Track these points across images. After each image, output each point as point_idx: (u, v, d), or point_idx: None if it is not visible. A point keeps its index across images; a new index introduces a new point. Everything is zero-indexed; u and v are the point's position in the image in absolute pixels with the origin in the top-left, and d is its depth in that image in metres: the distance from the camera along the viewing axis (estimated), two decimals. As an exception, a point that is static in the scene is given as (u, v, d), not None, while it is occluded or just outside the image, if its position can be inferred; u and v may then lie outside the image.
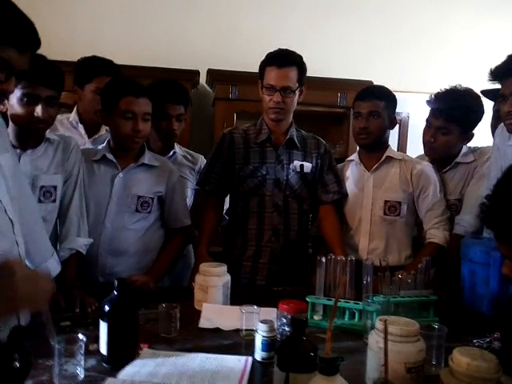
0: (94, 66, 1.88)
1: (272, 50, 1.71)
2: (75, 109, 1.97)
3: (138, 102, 1.52)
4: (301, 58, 1.71)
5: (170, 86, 1.87)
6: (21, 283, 0.79)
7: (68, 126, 1.93)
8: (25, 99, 1.33)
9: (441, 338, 1.03)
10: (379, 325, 0.94)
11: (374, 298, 1.23)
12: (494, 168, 1.52)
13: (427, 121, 1.82)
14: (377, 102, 1.74)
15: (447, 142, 1.77)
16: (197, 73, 2.81)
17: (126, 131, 1.53)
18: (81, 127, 1.93)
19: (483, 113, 1.77)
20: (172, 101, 1.83)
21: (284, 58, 1.67)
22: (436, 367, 1.01)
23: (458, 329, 1.22)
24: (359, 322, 1.26)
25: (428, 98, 1.83)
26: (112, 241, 1.58)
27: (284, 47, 1.72)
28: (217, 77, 2.83)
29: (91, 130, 1.94)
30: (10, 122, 1.39)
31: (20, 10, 0.92)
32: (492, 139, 1.76)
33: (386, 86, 1.84)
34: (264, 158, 1.76)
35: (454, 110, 1.71)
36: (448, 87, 1.79)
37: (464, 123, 1.74)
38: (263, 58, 1.73)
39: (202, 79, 2.94)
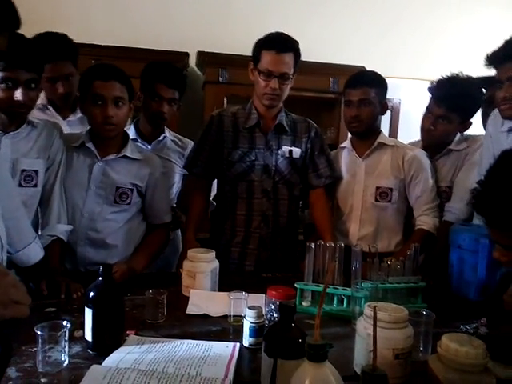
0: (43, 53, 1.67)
1: (269, 32, 1.65)
2: (43, 92, 1.88)
3: (106, 86, 1.44)
4: (298, 43, 1.67)
5: (165, 67, 1.83)
6: (12, 288, 0.73)
7: (40, 107, 1.81)
8: (3, 83, 1.29)
9: (428, 324, 1.03)
10: (368, 311, 0.93)
11: (363, 284, 1.23)
12: (486, 156, 1.51)
13: (427, 108, 1.80)
14: (367, 89, 1.71)
15: (446, 130, 1.76)
16: (186, 55, 2.75)
17: (97, 117, 1.46)
18: (51, 109, 1.85)
19: (482, 102, 1.76)
20: (165, 82, 1.78)
21: (283, 43, 1.63)
22: (423, 353, 1.02)
23: (445, 315, 1.22)
24: (347, 308, 1.26)
25: (429, 85, 1.80)
26: (89, 230, 1.53)
27: (275, 30, 1.67)
28: (207, 59, 2.77)
29: (64, 111, 1.86)
30: None
31: None
32: (482, 126, 1.76)
33: (378, 71, 1.81)
34: (253, 144, 1.74)
35: (456, 99, 1.69)
36: (449, 74, 1.76)
37: (465, 112, 1.74)
38: (255, 40, 1.68)
39: (192, 62, 2.88)
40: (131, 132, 1.83)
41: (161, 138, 1.93)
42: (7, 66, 1.26)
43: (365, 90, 1.71)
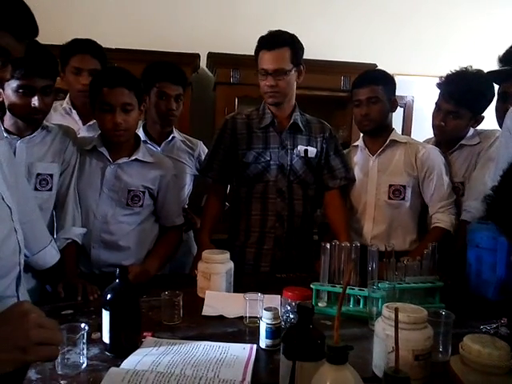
0: (69, 47, 1.82)
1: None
2: (68, 95, 1.93)
3: (113, 93, 1.44)
4: (292, 36, 1.67)
5: (165, 66, 1.85)
6: (33, 330, 0.68)
7: (62, 112, 1.88)
8: (20, 91, 1.31)
9: (448, 324, 1.01)
10: (386, 312, 0.92)
11: (380, 285, 1.21)
12: (504, 153, 1.47)
13: (437, 104, 1.78)
14: (374, 87, 1.71)
15: (457, 126, 1.74)
16: (197, 56, 2.75)
17: (106, 125, 1.47)
18: (74, 113, 1.89)
19: (494, 95, 1.72)
20: (170, 80, 1.80)
21: (274, 40, 1.64)
22: (443, 354, 1.00)
23: (464, 315, 1.20)
24: (364, 309, 1.24)
25: (438, 81, 1.79)
26: (103, 233, 1.54)
27: (286, 30, 1.67)
28: (218, 60, 2.77)
29: (85, 116, 1.89)
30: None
31: None
32: (496, 121, 1.72)
33: (391, 69, 1.80)
34: (267, 143, 1.73)
35: (465, 94, 1.67)
36: (458, 69, 1.74)
37: (475, 107, 1.71)
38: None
39: (203, 63, 2.88)
40: (140, 135, 1.84)
41: (169, 138, 1.94)
42: (24, 74, 1.28)
43: (372, 88, 1.71)
